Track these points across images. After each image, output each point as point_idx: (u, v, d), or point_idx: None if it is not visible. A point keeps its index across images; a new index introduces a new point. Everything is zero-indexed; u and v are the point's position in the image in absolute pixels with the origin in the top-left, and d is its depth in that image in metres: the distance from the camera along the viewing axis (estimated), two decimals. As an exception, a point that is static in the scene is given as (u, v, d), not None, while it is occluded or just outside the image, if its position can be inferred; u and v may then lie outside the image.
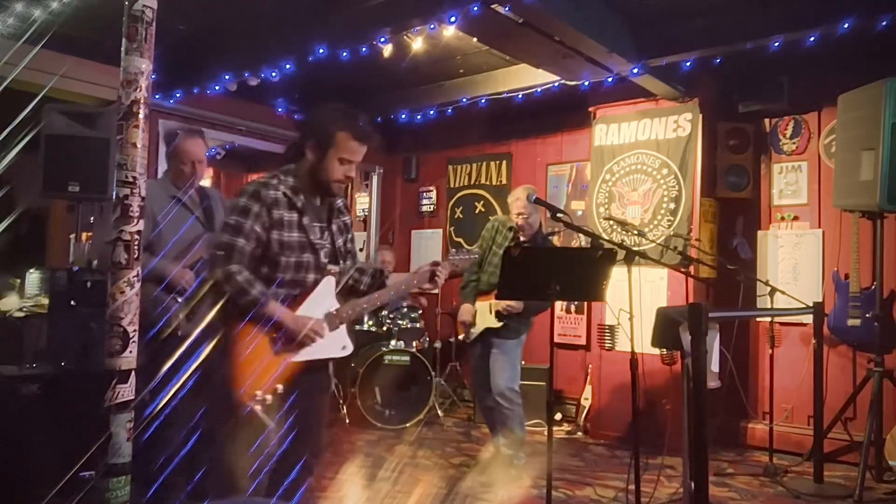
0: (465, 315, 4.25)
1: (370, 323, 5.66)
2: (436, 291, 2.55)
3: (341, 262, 2.47)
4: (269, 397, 2.24)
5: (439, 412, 5.60)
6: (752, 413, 5.09)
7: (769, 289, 4.29)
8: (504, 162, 6.68)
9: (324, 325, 2.35)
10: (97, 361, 1.87)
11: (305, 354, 2.34)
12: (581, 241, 5.27)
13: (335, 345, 2.42)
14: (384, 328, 5.67)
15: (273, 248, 2.28)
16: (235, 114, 6.10)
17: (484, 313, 4.20)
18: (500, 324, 4.13)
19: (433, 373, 5.50)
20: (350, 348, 2.46)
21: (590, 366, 5.51)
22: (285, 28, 4.63)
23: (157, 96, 5.26)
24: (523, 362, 5.67)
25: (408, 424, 5.34)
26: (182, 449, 2.63)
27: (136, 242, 1.81)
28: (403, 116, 6.19)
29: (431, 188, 7.23)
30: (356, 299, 2.49)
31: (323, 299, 2.39)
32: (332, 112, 2.36)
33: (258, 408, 2.22)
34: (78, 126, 3.84)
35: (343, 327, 2.42)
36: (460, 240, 6.92)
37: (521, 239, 4.16)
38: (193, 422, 2.59)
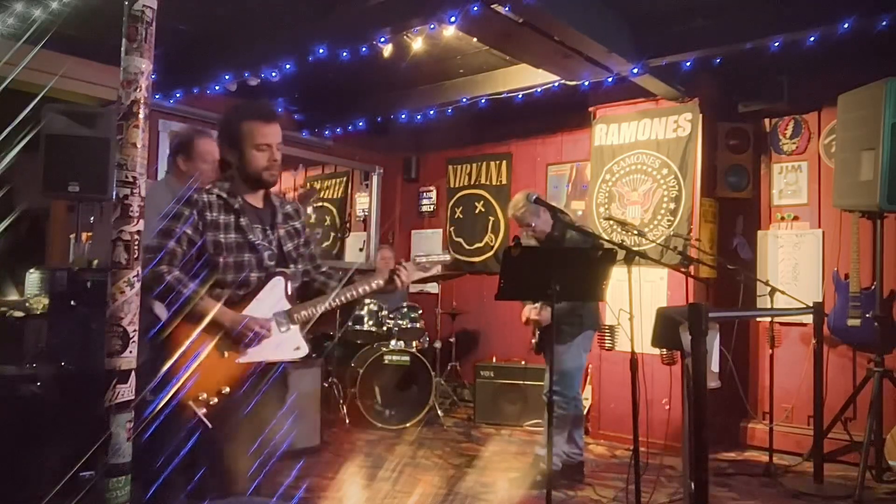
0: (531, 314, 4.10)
1: (370, 323, 5.65)
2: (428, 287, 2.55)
3: (292, 265, 2.41)
4: (214, 399, 2.17)
5: (439, 412, 5.59)
6: (752, 413, 5.09)
7: (769, 289, 4.29)
8: (504, 162, 6.68)
9: (269, 323, 2.27)
10: (97, 361, 1.87)
11: (255, 355, 2.26)
12: (581, 241, 5.26)
13: (287, 346, 2.33)
14: (384, 328, 5.67)
15: (209, 250, 2.26)
16: (235, 114, 6.08)
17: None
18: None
19: (433, 373, 5.50)
20: (304, 350, 2.35)
21: (590, 366, 5.50)
22: (285, 28, 4.63)
23: (157, 96, 5.26)
24: (523, 363, 5.73)
25: (408, 424, 5.34)
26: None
27: (136, 242, 1.81)
28: (403, 116, 6.18)
29: (431, 188, 7.24)
30: (309, 301, 2.41)
31: (271, 299, 2.32)
32: (232, 110, 2.40)
33: (202, 410, 2.14)
34: (78, 126, 3.84)
35: (295, 329, 2.34)
36: (460, 240, 6.92)
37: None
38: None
